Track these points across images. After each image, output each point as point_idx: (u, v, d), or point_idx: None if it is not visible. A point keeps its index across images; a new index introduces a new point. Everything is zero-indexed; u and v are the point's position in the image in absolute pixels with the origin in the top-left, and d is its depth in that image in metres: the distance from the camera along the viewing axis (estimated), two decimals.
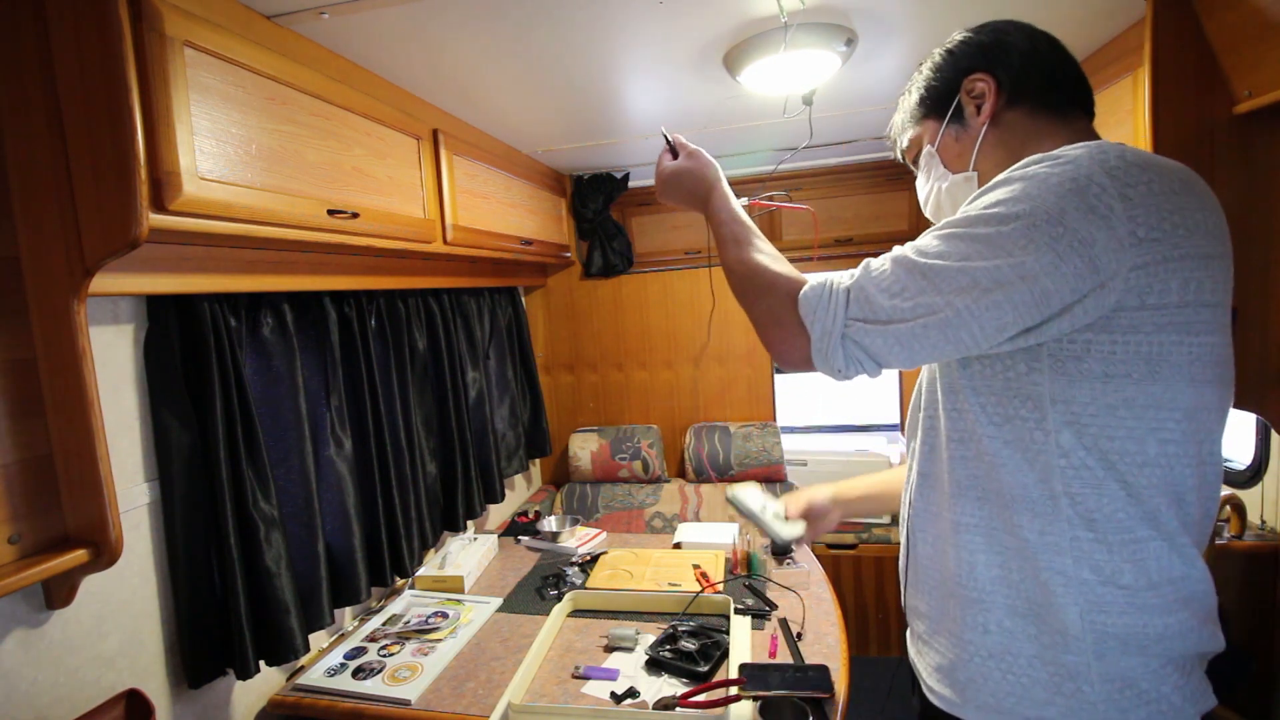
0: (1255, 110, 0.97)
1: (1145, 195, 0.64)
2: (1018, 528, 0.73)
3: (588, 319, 2.75)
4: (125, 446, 1.14)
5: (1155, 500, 0.69)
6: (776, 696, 1.19)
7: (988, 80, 0.82)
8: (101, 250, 0.87)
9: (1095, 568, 0.70)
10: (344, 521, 1.51)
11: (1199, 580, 0.71)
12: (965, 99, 0.85)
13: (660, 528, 2.41)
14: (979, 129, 0.84)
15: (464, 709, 1.29)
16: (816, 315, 0.75)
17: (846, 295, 0.74)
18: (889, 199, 2.58)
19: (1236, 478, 1.61)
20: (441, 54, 1.31)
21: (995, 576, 0.76)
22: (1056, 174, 0.66)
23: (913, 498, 0.88)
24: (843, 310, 0.73)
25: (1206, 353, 0.67)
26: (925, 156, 0.92)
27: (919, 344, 0.70)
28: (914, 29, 1.33)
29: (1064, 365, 0.69)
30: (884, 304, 0.71)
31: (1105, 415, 0.68)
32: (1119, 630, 0.70)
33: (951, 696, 0.81)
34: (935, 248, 0.71)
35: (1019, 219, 0.66)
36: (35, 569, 0.90)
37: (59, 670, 1.03)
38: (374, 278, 1.59)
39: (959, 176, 0.88)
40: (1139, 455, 0.68)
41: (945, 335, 0.69)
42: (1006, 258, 0.65)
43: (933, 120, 0.90)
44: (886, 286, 0.72)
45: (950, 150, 0.88)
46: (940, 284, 0.68)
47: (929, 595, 0.86)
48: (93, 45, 0.84)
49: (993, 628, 0.76)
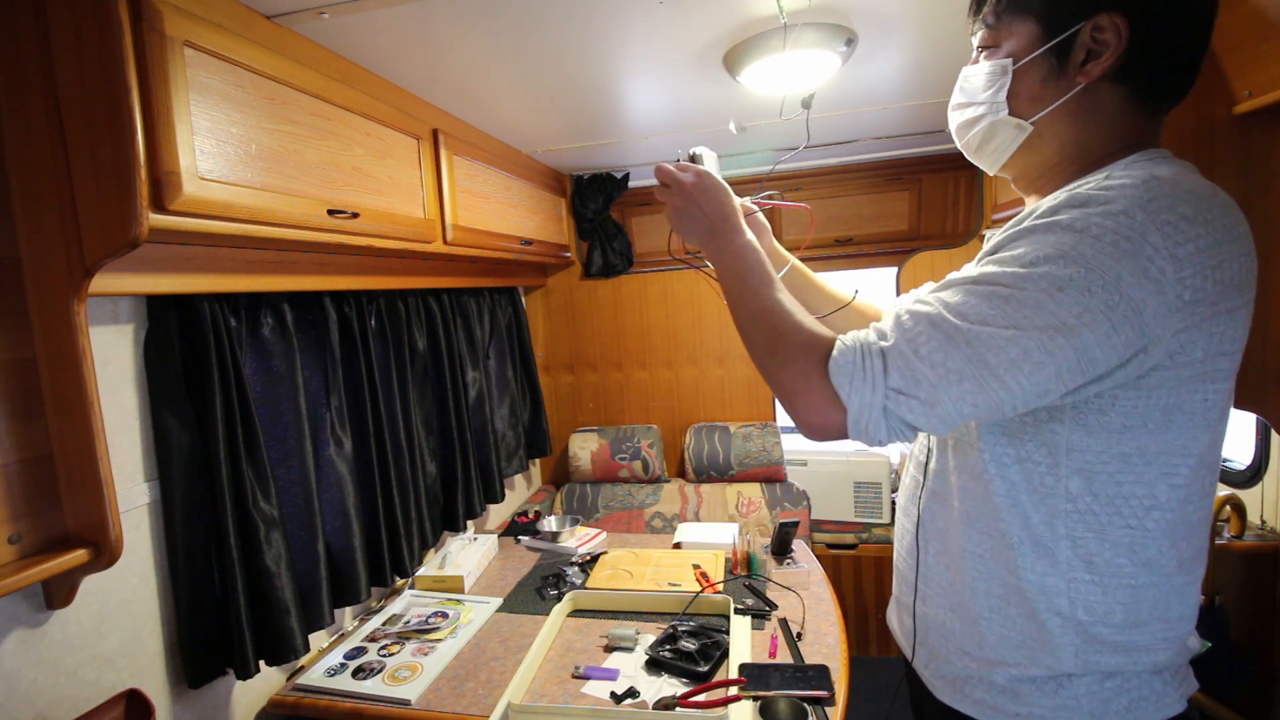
0: (1255, 110, 0.97)
1: (1193, 254, 0.60)
2: (1019, 568, 0.73)
3: (588, 319, 2.75)
4: (125, 446, 1.14)
5: (1159, 542, 0.69)
6: (776, 696, 1.19)
7: (1122, 29, 0.67)
8: (101, 250, 0.88)
9: (1089, 609, 0.70)
10: (344, 521, 1.51)
11: (1189, 619, 0.73)
12: (1085, 35, 0.69)
13: (660, 528, 2.41)
14: (1073, 84, 0.71)
15: (464, 709, 1.29)
16: (854, 386, 0.66)
17: (884, 361, 0.66)
18: (889, 199, 2.58)
19: (1236, 478, 1.61)
20: (441, 54, 1.31)
21: (994, 606, 0.76)
22: (1110, 229, 0.60)
23: (922, 511, 0.87)
24: (882, 379, 0.65)
25: (1221, 399, 0.67)
26: (996, 67, 0.75)
27: (962, 414, 0.64)
28: (914, 29, 1.33)
29: (1085, 418, 0.67)
30: (928, 376, 0.64)
31: (1117, 463, 0.67)
32: (1112, 666, 0.72)
33: (952, 696, 0.81)
34: (978, 310, 0.63)
35: (1072, 285, 0.60)
36: (35, 569, 0.90)
37: (59, 670, 1.03)
38: (374, 278, 1.59)
39: (1013, 120, 0.75)
40: (1148, 499, 0.68)
41: (989, 404, 0.64)
42: (1058, 328, 0.60)
43: (1035, 29, 0.72)
44: (928, 355, 0.64)
45: (1027, 84, 0.74)
46: (987, 355, 0.62)
47: (934, 602, 0.86)
48: (93, 45, 0.84)
49: (987, 649, 0.77)
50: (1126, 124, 0.72)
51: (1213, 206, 0.62)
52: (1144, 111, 0.72)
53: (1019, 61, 0.73)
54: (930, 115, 1.98)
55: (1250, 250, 0.64)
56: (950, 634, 0.82)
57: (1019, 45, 0.74)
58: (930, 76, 1.62)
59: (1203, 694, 1.35)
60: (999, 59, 0.75)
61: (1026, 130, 0.75)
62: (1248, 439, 1.59)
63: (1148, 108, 0.72)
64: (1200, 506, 0.70)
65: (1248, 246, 0.64)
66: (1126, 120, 0.72)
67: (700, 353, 2.65)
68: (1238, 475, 1.61)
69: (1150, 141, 0.73)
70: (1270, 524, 1.50)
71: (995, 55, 0.76)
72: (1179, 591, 0.71)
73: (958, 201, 2.55)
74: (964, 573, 0.79)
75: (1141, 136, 0.72)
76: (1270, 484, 1.52)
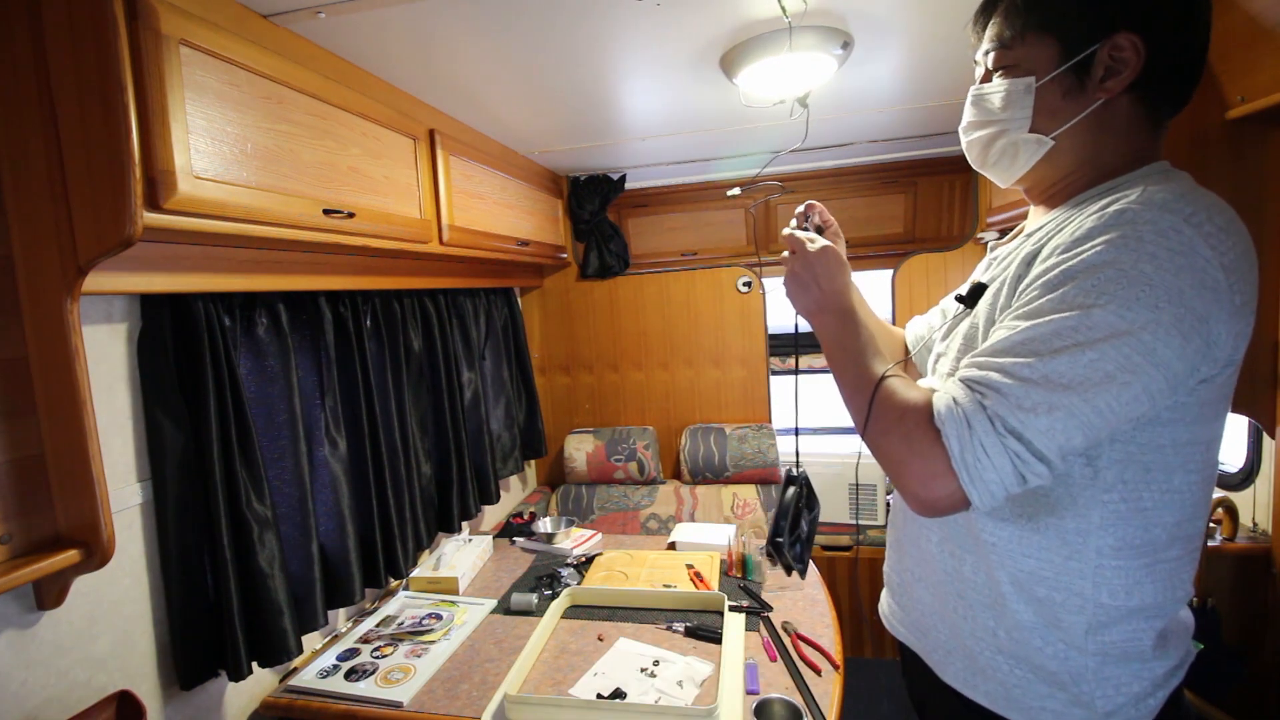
0: (1248, 115, 0.98)
1: (1235, 261, 0.63)
2: (1042, 550, 0.74)
3: (584, 320, 2.75)
4: (118, 446, 1.13)
5: (1169, 529, 0.72)
6: (772, 698, 1.20)
7: (1138, 49, 0.70)
8: (95, 249, 0.87)
9: (1112, 592, 0.73)
10: (338, 522, 1.50)
11: (1184, 598, 0.77)
12: (1104, 54, 0.71)
13: (656, 529, 2.41)
14: (1093, 99, 0.73)
15: (457, 710, 1.28)
16: (949, 424, 0.65)
17: (981, 407, 0.64)
18: (885, 201, 2.59)
19: (1229, 480, 1.62)
20: (438, 54, 1.31)
21: (1006, 593, 0.77)
22: (1165, 246, 0.62)
23: None
24: (980, 411, 0.64)
25: (1231, 391, 0.71)
26: (1018, 85, 0.76)
27: (1057, 444, 0.63)
28: (909, 33, 1.33)
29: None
30: (1018, 413, 0.63)
31: (1153, 454, 0.70)
32: (1119, 640, 0.74)
33: (962, 681, 0.83)
34: (1048, 343, 0.63)
35: (1139, 303, 0.61)
36: (26, 569, 0.89)
37: (49, 672, 1.03)
38: (370, 278, 1.59)
39: (1034, 136, 0.77)
40: (1166, 484, 0.71)
41: (1081, 429, 0.63)
42: (1135, 347, 0.61)
43: (1055, 48, 0.74)
44: (1011, 393, 0.63)
45: (1047, 101, 0.75)
46: (1076, 385, 0.62)
47: (933, 589, 0.86)
48: (88, 43, 0.83)
49: (1000, 633, 0.78)
50: (1136, 135, 0.75)
51: (1234, 217, 0.66)
52: (1151, 121, 0.75)
53: (1041, 80, 0.75)
54: (926, 119, 1.99)
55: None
56: (958, 623, 0.83)
57: (1039, 64, 0.75)
58: (926, 80, 1.63)
59: (1195, 695, 1.35)
60: (1019, 77, 0.76)
61: (1048, 145, 0.76)
62: (1240, 442, 1.60)
63: (1155, 117, 0.75)
64: (1206, 490, 0.74)
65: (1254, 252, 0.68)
66: (1136, 131, 0.75)
67: (696, 354, 2.65)
68: (1230, 478, 1.62)
69: (1156, 153, 0.76)
70: (1262, 526, 1.51)
71: (1013, 74, 0.77)
72: (1180, 567, 0.75)
73: (953, 204, 2.56)
74: (980, 559, 0.79)
75: (1149, 146, 0.76)
76: (1262, 487, 1.53)
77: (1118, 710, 0.74)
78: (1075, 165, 0.77)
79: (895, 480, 0.71)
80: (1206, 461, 0.72)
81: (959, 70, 1.56)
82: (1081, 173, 0.77)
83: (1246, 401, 1.02)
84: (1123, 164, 0.75)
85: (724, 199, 2.72)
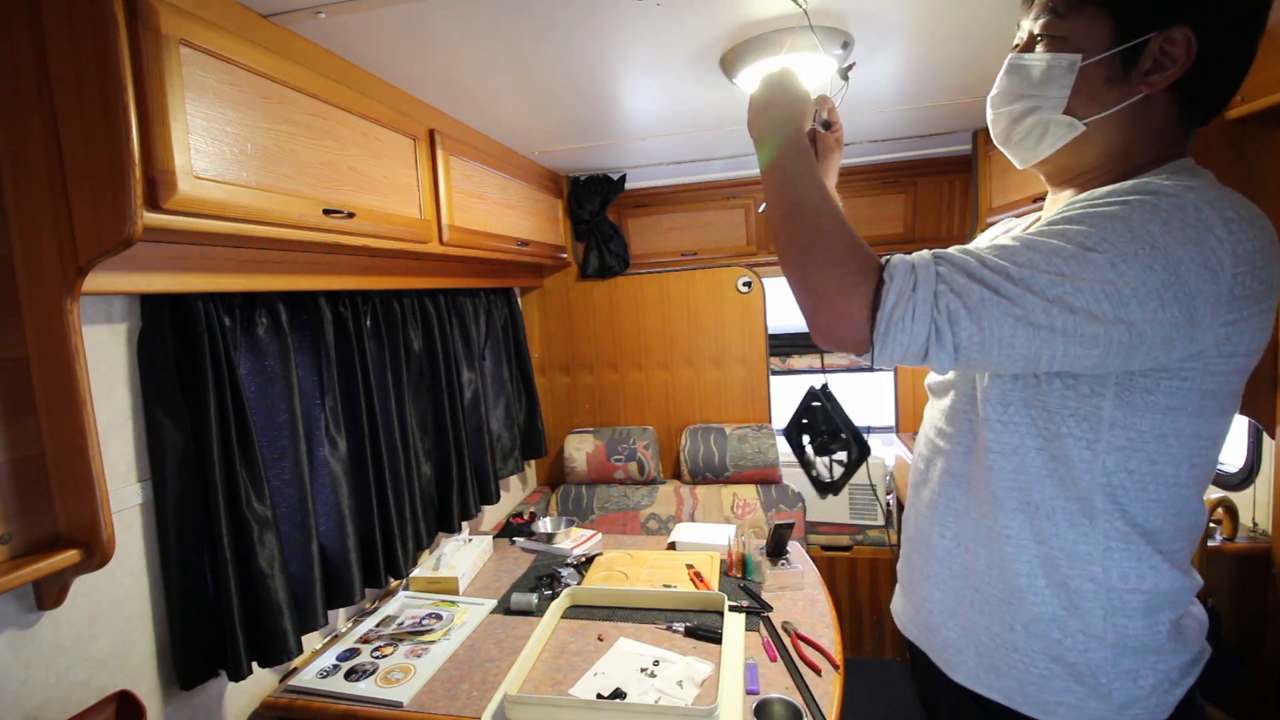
0: (1248, 115, 0.98)
1: (1250, 253, 0.62)
2: (1053, 537, 0.75)
3: (584, 320, 2.75)
4: (118, 446, 1.13)
5: (1171, 521, 0.73)
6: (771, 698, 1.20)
7: (1190, 47, 0.67)
8: (95, 249, 0.87)
9: (1123, 575, 0.73)
10: (338, 522, 1.50)
11: (1193, 587, 0.77)
12: (1155, 45, 0.68)
13: (656, 529, 2.41)
14: (1135, 91, 0.70)
15: (457, 710, 1.28)
16: (899, 277, 0.65)
17: (936, 270, 0.65)
18: (884, 201, 2.59)
19: (1229, 480, 1.62)
20: (438, 54, 1.31)
21: (1023, 585, 0.77)
22: (1179, 218, 0.62)
23: (935, 493, 0.87)
24: (933, 280, 0.64)
25: (1240, 388, 0.72)
26: (1062, 61, 0.72)
27: (1002, 340, 0.63)
28: (910, 33, 1.34)
29: (1130, 395, 0.69)
30: (977, 292, 0.63)
31: (1156, 443, 0.70)
32: (1136, 629, 0.74)
33: (974, 679, 0.82)
34: (1032, 260, 0.63)
35: (1135, 259, 0.61)
36: (26, 569, 0.89)
37: (49, 671, 1.03)
38: (370, 278, 1.59)
39: (1066, 118, 0.74)
40: (1173, 477, 0.71)
41: (1028, 347, 0.63)
42: (1110, 297, 0.61)
43: (1108, 29, 0.70)
44: (981, 277, 0.64)
45: (1089, 84, 0.72)
46: (1039, 296, 0.62)
47: (944, 586, 0.86)
48: (88, 43, 0.83)
49: (1018, 626, 0.78)
50: (1168, 136, 0.73)
51: (1260, 213, 0.66)
52: (1184, 125, 0.74)
53: (1088, 59, 0.71)
54: (926, 118, 1.99)
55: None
56: (973, 618, 0.83)
57: (1089, 42, 0.71)
58: (926, 80, 1.63)
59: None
60: (1065, 52, 0.72)
61: (1078, 130, 0.74)
62: (1240, 442, 1.60)
63: (1189, 121, 0.73)
64: (1204, 484, 0.75)
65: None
66: (1169, 132, 0.73)
67: (696, 354, 2.65)
68: (1230, 478, 1.62)
69: (1183, 153, 0.75)
70: (1262, 526, 1.51)
71: (1060, 47, 0.73)
72: (1185, 559, 0.76)
73: (953, 204, 2.56)
74: (994, 552, 0.80)
75: (1179, 148, 0.74)
76: (1262, 487, 1.53)
77: (1134, 702, 0.74)
78: (1101, 158, 0.76)
79: (807, 309, 0.70)
80: (1208, 458, 0.73)
81: (959, 70, 1.56)
82: (1107, 167, 0.76)
83: (1247, 401, 1.01)
84: (1148, 163, 0.74)
85: (724, 199, 2.72)
